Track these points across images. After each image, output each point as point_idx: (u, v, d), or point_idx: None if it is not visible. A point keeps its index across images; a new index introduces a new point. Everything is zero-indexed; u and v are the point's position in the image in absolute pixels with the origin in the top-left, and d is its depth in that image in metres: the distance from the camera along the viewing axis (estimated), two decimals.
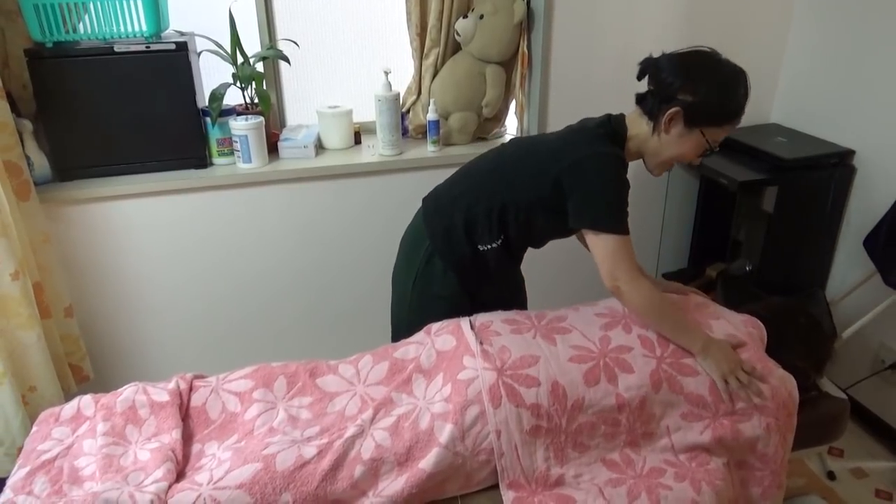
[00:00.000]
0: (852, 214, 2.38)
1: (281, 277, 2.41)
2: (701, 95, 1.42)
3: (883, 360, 2.29)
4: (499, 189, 1.57)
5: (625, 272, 1.42)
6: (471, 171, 1.68)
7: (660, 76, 1.45)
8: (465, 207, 1.60)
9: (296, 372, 1.52)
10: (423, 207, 1.73)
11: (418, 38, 2.36)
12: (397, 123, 2.33)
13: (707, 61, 1.45)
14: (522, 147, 1.64)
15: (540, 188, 1.50)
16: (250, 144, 2.19)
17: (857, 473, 2.21)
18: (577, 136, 1.54)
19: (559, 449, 1.37)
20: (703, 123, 1.45)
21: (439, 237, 1.64)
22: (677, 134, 1.47)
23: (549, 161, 1.50)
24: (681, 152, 1.50)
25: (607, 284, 1.45)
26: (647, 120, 1.49)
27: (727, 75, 1.44)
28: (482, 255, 1.62)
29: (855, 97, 2.29)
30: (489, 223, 1.58)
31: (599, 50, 2.39)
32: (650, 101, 1.48)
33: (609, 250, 1.42)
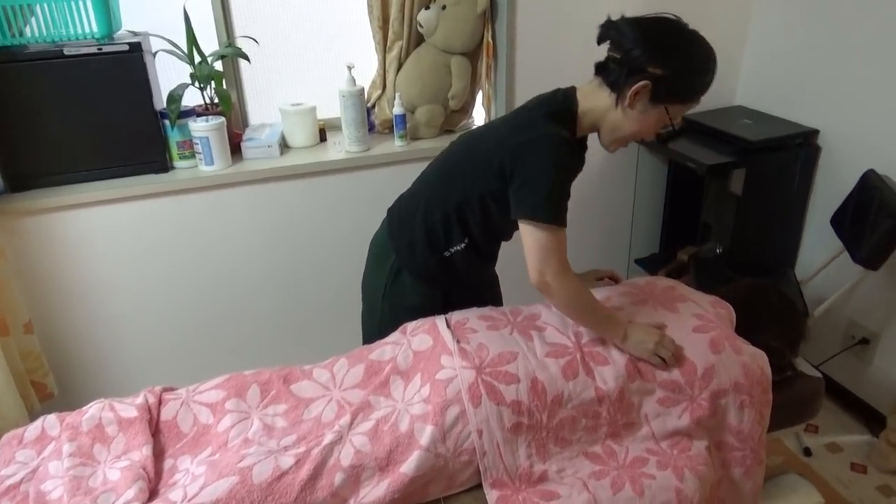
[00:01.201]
0: (818, 193, 2.41)
1: (250, 282, 2.36)
2: (672, 70, 1.32)
3: (853, 335, 2.33)
4: (451, 191, 1.50)
5: (553, 267, 1.34)
6: (425, 177, 1.62)
7: (624, 44, 1.33)
8: (423, 219, 1.54)
9: (269, 379, 1.48)
10: (388, 220, 1.68)
11: (381, 31, 2.31)
12: (363, 119, 2.29)
13: (677, 33, 1.34)
14: (468, 140, 1.56)
15: (487, 179, 1.42)
16: (212, 146, 2.13)
17: (833, 448, 2.25)
18: (519, 118, 1.45)
19: (541, 445, 1.36)
20: (669, 100, 1.36)
21: (404, 252, 1.60)
22: (641, 109, 1.36)
23: (492, 149, 1.42)
24: (641, 128, 1.41)
25: (534, 279, 1.36)
26: (609, 91, 1.38)
27: (700, 52, 1.34)
28: (450, 261, 1.57)
29: (816, 77, 2.31)
30: (450, 228, 1.52)
31: (565, 37, 2.37)
32: (615, 71, 1.35)
33: (540, 243, 1.34)
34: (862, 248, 1.95)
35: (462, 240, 1.54)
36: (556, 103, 1.42)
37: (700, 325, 1.49)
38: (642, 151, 2.65)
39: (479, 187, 1.45)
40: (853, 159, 2.23)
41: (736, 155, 2.27)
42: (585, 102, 1.42)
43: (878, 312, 2.24)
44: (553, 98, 1.44)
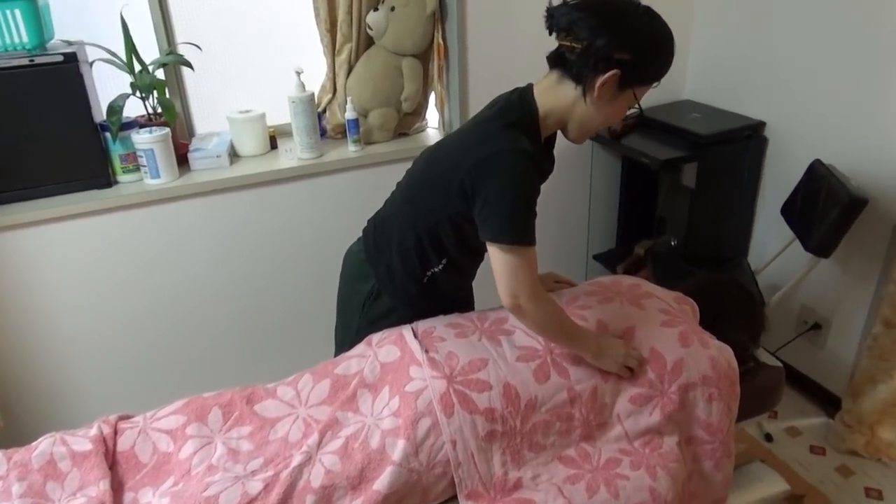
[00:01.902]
0: (767, 184, 2.47)
1: (204, 299, 2.28)
2: (639, 54, 1.25)
3: (805, 321, 2.40)
4: (419, 215, 1.44)
5: (526, 288, 1.29)
6: (394, 200, 1.56)
7: (581, 34, 1.25)
8: (398, 245, 1.49)
9: (231, 400, 1.42)
10: (364, 242, 1.61)
11: (328, 35, 2.26)
12: (314, 125, 2.23)
13: (633, 12, 1.26)
14: (428, 160, 1.48)
15: (452, 202, 1.35)
16: (157, 158, 2.04)
17: (792, 432, 2.30)
18: (477, 133, 1.36)
19: (515, 452, 1.34)
20: (637, 83, 1.30)
21: (384, 277, 1.55)
22: (610, 97, 1.29)
23: (451, 169, 1.34)
24: (610, 116, 1.35)
25: (506, 302, 1.31)
26: (573, 85, 1.30)
27: (660, 28, 1.28)
28: (430, 284, 1.52)
29: (761, 70, 2.37)
30: (424, 252, 1.47)
31: (516, 34, 2.36)
32: (577, 63, 1.27)
33: (510, 266, 1.28)
34: (813, 237, 2.00)
35: (439, 261, 1.49)
36: (514, 110, 1.34)
37: (668, 320, 1.50)
38: (596, 148, 2.67)
39: (446, 209, 1.39)
40: (799, 150, 2.29)
41: (688, 149, 2.31)
42: (547, 101, 1.34)
43: (829, 298, 2.30)
44: (510, 104, 1.36)
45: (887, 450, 2.13)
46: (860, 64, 2.03)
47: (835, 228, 1.92)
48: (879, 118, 2.01)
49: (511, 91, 1.40)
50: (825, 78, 2.15)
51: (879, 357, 2.07)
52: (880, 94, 1.99)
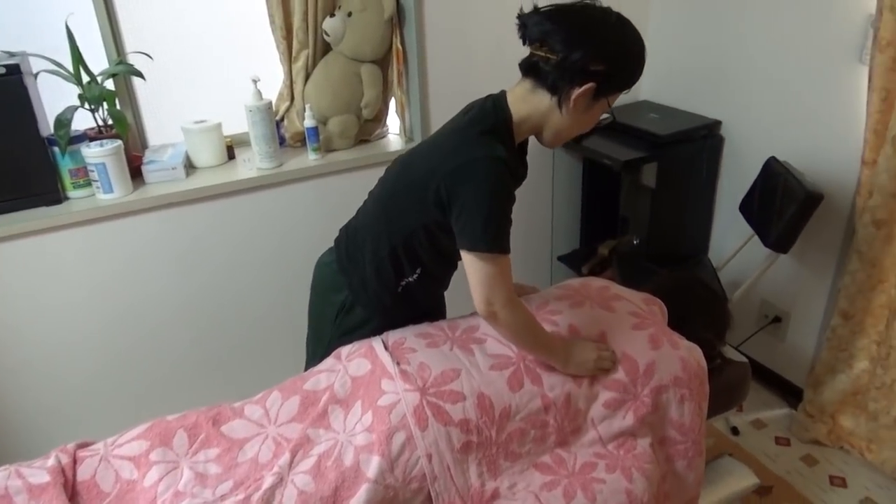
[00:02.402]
0: (725, 182, 2.52)
1: (163, 316, 2.21)
2: (614, 65, 1.27)
3: (766, 314, 2.45)
4: (393, 224, 1.43)
5: (501, 297, 1.28)
6: (367, 210, 1.53)
7: (556, 46, 1.24)
8: (372, 255, 1.47)
9: (196, 422, 1.37)
10: (336, 253, 1.58)
11: (284, 41, 2.22)
12: (273, 133, 2.19)
13: (605, 22, 1.27)
14: (402, 168, 1.46)
15: (427, 210, 1.34)
16: (109, 172, 1.97)
17: (757, 424, 2.35)
18: (451, 140, 1.35)
19: (491, 462, 1.32)
20: (612, 92, 1.31)
21: (357, 289, 1.52)
22: (585, 107, 1.31)
23: (426, 177, 1.33)
24: (585, 123, 1.36)
25: (481, 310, 1.30)
26: (547, 94, 1.30)
27: (633, 37, 1.29)
28: (405, 294, 1.50)
29: (715, 70, 2.41)
30: (399, 262, 1.45)
31: (475, 40, 2.36)
32: (552, 73, 1.27)
33: (485, 274, 1.27)
34: (771, 233, 2.05)
35: (414, 270, 1.47)
36: (488, 117, 1.34)
37: (638, 323, 1.50)
38: (558, 150, 2.68)
39: (422, 218, 1.37)
40: (754, 148, 2.34)
41: (647, 149, 2.34)
42: (521, 108, 1.34)
43: (788, 292, 2.36)
44: (484, 111, 1.35)
45: (848, 438, 2.19)
46: (811, 63, 2.08)
47: (792, 224, 1.96)
48: (830, 115, 2.06)
49: (484, 98, 1.39)
50: (778, 77, 2.20)
51: (838, 348, 2.12)
52: (831, 92, 2.05)
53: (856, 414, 2.17)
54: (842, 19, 1.96)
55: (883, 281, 1.99)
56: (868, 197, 1.90)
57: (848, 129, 2.02)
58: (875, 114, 1.83)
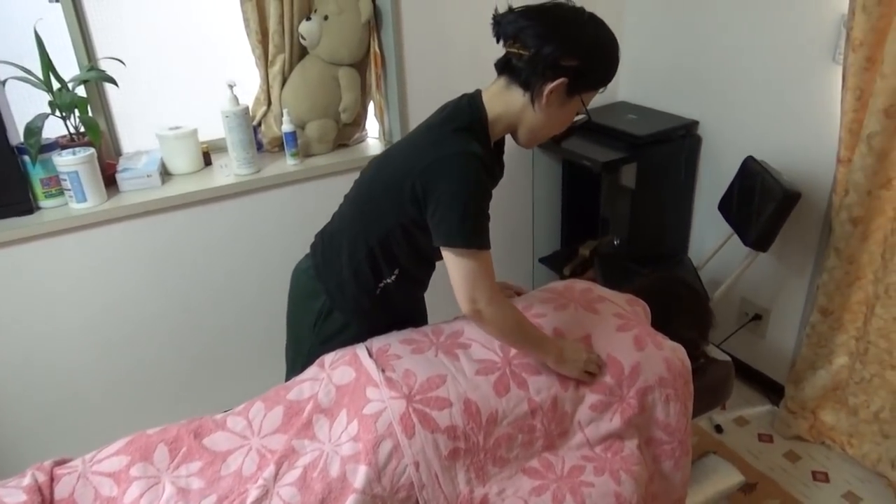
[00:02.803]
0: (703, 181, 2.54)
1: (141, 327, 2.16)
2: (586, 60, 1.27)
3: (746, 312, 2.47)
4: (370, 225, 1.41)
5: (485, 294, 1.27)
6: (342, 213, 1.52)
7: (528, 41, 1.25)
8: (349, 258, 1.45)
9: (177, 436, 1.34)
10: (313, 258, 1.56)
11: (260, 46, 2.19)
12: (250, 139, 2.16)
13: (577, 19, 1.28)
14: (378, 167, 1.44)
15: (404, 208, 1.32)
16: (82, 180, 1.92)
17: (740, 422, 2.37)
18: (426, 138, 1.35)
19: (479, 468, 1.31)
20: (585, 89, 1.31)
21: (334, 293, 1.50)
22: (558, 103, 1.30)
23: (402, 175, 1.32)
24: (559, 122, 1.36)
25: (465, 308, 1.28)
26: (521, 91, 1.31)
27: (605, 34, 1.29)
28: (383, 296, 1.48)
29: (692, 70, 2.43)
30: (377, 264, 1.43)
31: (453, 42, 2.35)
32: (525, 70, 1.27)
33: (466, 270, 1.26)
34: (751, 232, 2.06)
35: (392, 272, 1.45)
36: (464, 115, 1.34)
37: (622, 324, 1.50)
38: (537, 152, 2.68)
39: (398, 216, 1.36)
40: (732, 147, 2.36)
41: (626, 150, 2.34)
42: (496, 106, 1.34)
43: (767, 289, 2.38)
44: (459, 109, 1.35)
45: (829, 433, 2.22)
46: (786, 63, 2.10)
47: (771, 223, 1.98)
48: (806, 114, 2.09)
49: (460, 97, 1.39)
50: (753, 77, 2.22)
51: (818, 344, 2.14)
52: (806, 91, 2.07)
53: (836, 409, 2.20)
54: (815, 19, 1.98)
55: (860, 277, 2.02)
56: (844, 195, 1.92)
57: (823, 128, 2.04)
58: (849, 112, 1.85)
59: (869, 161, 1.82)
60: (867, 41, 1.75)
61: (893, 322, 1.93)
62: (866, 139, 1.80)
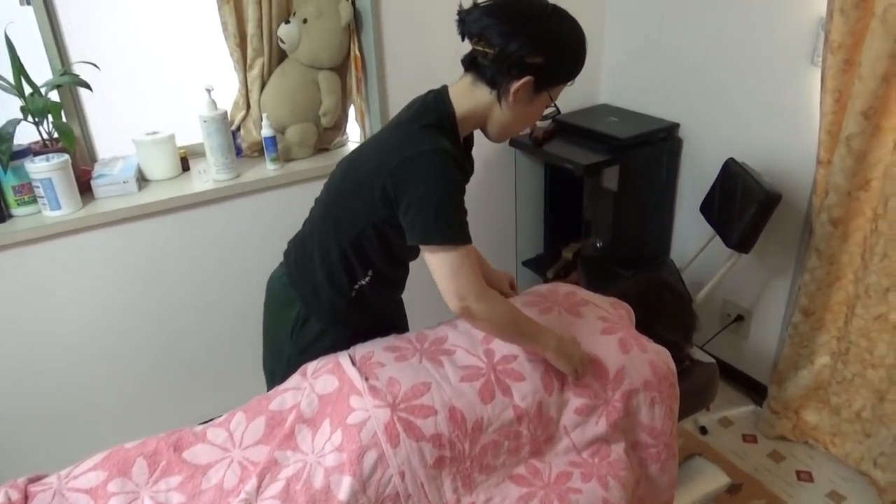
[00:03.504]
0: (684, 183, 2.54)
1: (117, 338, 2.11)
2: (551, 57, 1.25)
3: (728, 313, 2.48)
4: (341, 226, 1.39)
5: (472, 288, 1.24)
6: (313, 216, 1.49)
7: (493, 39, 1.24)
8: (321, 261, 1.43)
9: (156, 449, 1.31)
10: (286, 265, 1.54)
11: (238, 49, 2.16)
12: (229, 144, 2.12)
13: (541, 14, 1.25)
14: (346, 168, 1.42)
15: (375, 208, 1.30)
16: (56, 188, 1.88)
17: (724, 423, 2.37)
18: (394, 136, 1.33)
19: (466, 476, 1.30)
20: (551, 85, 1.30)
21: (309, 299, 1.48)
22: (526, 101, 1.29)
23: (371, 175, 1.30)
24: (527, 118, 1.35)
25: (454, 306, 1.24)
26: (488, 89, 1.29)
27: (570, 28, 1.28)
28: (358, 298, 1.46)
29: (672, 73, 2.44)
30: (349, 264, 1.41)
31: (434, 44, 2.33)
32: (490, 68, 1.26)
33: (448, 267, 1.23)
34: (733, 234, 2.07)
35: (365, 273, 1.44)
36: (431, 112, 1.31)
37: (607, 328, 1.50)
38: (519, 155, 2.67)
39: (370, 216, 1.34)
40: (712, 149, 2.37)
41: (608, 153, 2.34)
42: (463, 103, 1.33)
43: (749, 290, 2.39)
44: (425, 106, 1.33)
45: (812, 432, 2.23)
46: (765, 65, 2.12)
47: (753, 224, 1.99)
48: (785, 116, 2.10)
49: (426, 94, 1.38)
50: (733, 80, 2.23)
51: (800, 344, 2.16)
52: (785, 93, 2.08)
53: (819, 409, 2.21)
54: (794, 22, 2.00)
55: (840, 278, 2.03)
56: (825, 196, 1.93)
57: (802, 130, 2.06)
58: (828, 114, 1.86)
59: (848, 162, 1.84)
60: (845, 44, 1.76)
61: (874, 321, 1.95)
62: (845, 141, 1.82)
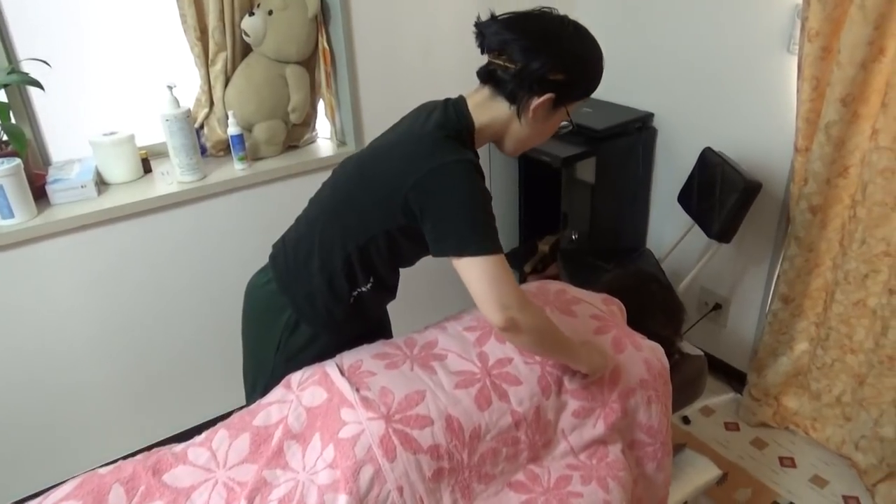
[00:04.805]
0: (660, 173, 2.53)
1: (80, 352, 2.00)
2: (572, 75, 1.26)
3: (706, 302, 2.48)
4: (349, 231, 1.33)
5: (515, 297, 1.17)
6: (312, 218, 1.42)
7: (515, 55, 1.23)
8: (321, 266, 1.36)
9: (133, 473, 1.22)
10: (274, 270, 1.46)
11: (200, 44, 2.05)
12: (194, 143, 2.02)
13: (563, 30, 1.25)
14: (359, 170, 1.37)
15: (392, 216, 1.27)
16: (8, 195, 1.76)
17: (706, 412, 2.38)
18: (417, 145, 1.28)
19: (465, 487, 1.25)
20: (571, 101, 1.30)
21: (302, 305, 1.40)
22: (544, 116, 1.29)
23: (392, 182, 1.26)
24: (545, 133, 1.36)
25: (498, 319, 1.16)
26: (507, 103, 1.28)
27: (590, 45, 1.28)
28: (356, 305, 1.40)
29: (645, 62, 2.42)
30: (352, 271, 1.35)
31: (405, 37, 2.27)
32: (511, 83, 1.25)
33: (488, 276, 1.17)
34: (714, 223, 2.06)
35: (367, 280, 1.37)
36: (452, 122, 1.29)
37: (600, 327, 1.46)
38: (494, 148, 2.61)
39: (384, 224, 1.29)
40: (688, 138, 2.36)
41: (585, 144, 2.31)
42: (482, 116, 1.30)
43: (726, 279, 2.40)
44: (447, 115, 1.30)
45: (793, 418, 2.25)
46: (740, 53, 2.11)
47: (734, 214, 1.98)
48: (762, 105, 2.10)
49: (444, 102, 1.34)
50: (708, 68, 2.22)
51: (779, 331, 2.17)
52: (761, 82, 2.08)
53: (799, 394, 2.23)
54: (769, 10, 1.99)
55: (819, 265, 2.04)
56: (803, 184, 1.93)
57: (779, 119, 2.05)
58: (806, 102, 1.86)
59: (827, 150, 1.84)
60: (823, 31, 1.75)
61: (853, 307, 1.96)
62: (824, 128, 1.82)
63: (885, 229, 1.84)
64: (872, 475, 2.00)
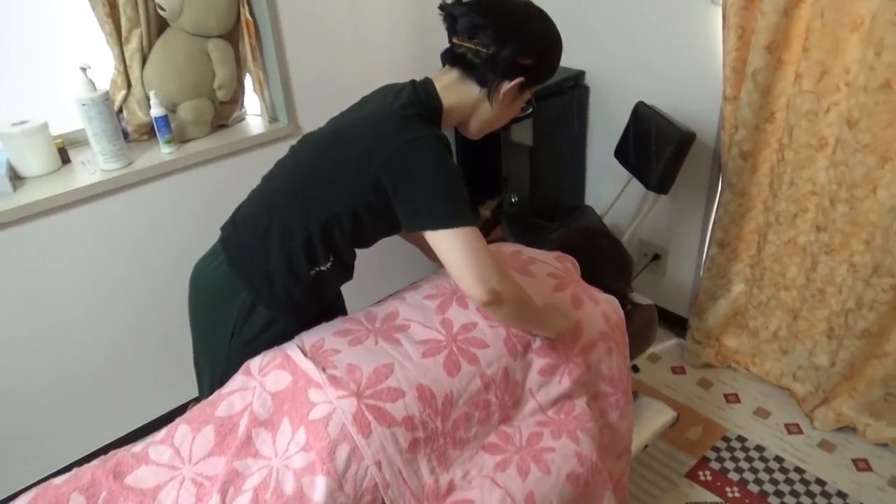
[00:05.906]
0: (595, 130, 2.57)
1: (9, 359, 1.87)
2: (539, 58, 1.29)
3: (646, 253, 2.56)
4: (312, 209, 1.29)
5: (494, 269, 1.19)
6: (270, 195, 1.37)
7: (484, 40, 1.23)
8: (279, 245, 1.31)
9: (92, 480, 1.16)
10: (225, 252, 1.39)
11: (110, 20, 1.91)
12: (115, 128, 1.90)
13: (528, 15, 1.28)
14: (322, 147, 1.33)
15: (359, 193, 1.25)
16: None
17: (652, 358, 2.47)
18: (386, 122, 1.26)
19: (441, 454, 1.25)
20: (535, 84, 1.34)
21: (259, 287, 1.35)
22: (512, 99, 1.33)
23: (360, 158, 1.24)
24: (509, 115, 1.39)
25: (479, 292, 1.17)
26: (476, 87, 1.29)
27: (552, 28, 1.31)
28: (314, 284, 1.37)
29: (574, 20, 2.42)
30: (313, 250, 1.32)
31: (331, 3, 2.18)
32: (481, 68, 1.26)
33: (467, 250, 1.17)
34: (652, 176, 2.11)
35: (327, 259, 1.34)
36: (421, 103, 1.28)
37: (558, 284, 1.48)
38: None
39: (351, 201, 1.26)
40: (620, 94, 2.39)
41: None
42: (450, 98, 1.31)
43: (663, 229, 2.47)
44: (416, 95, 1.29)
45: (734, 356, 2.36)
46: (666, 7, 2.14)
47: (671, 165, 2.03)
48: (689, 57, 2.14)
49: (411, 84, 1.33)
50: (635, 23, 2.25)
51: (717, 275, 2.26)
52: (687, 34, 2.12)
53: (738, 333, 2.34)
54: None
55: (751, 209, 2.13)
56: (734, 131, 2.00)
57: (706, 69, 2.11)
58: (732, 51, 1.92)
59: (755, 97, 1.90)
60: None
61: (784, 246, 2.06)
62: (751, 76, 1.88)
63: (810, 170, 1.93)
64: (810, 402, 2.13)
